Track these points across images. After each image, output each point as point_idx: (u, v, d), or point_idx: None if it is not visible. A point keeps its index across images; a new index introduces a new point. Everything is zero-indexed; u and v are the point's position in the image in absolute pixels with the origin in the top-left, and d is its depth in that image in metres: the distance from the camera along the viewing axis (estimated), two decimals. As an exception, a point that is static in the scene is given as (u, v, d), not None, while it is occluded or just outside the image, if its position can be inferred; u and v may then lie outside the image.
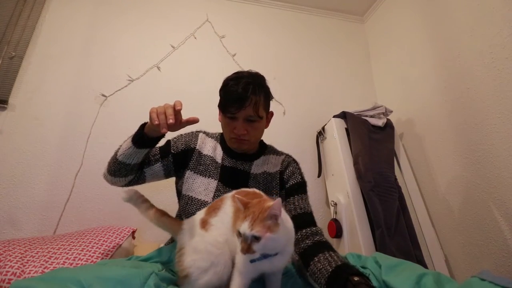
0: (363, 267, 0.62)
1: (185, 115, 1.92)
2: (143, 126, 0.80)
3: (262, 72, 0.98)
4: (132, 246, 1.29)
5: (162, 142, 0.93)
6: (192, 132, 1.01)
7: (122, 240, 1.19)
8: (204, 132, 1.02)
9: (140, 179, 0.91)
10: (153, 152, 0.92)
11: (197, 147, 0.96)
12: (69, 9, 1.86)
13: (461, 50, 1.49)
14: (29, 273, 0.95)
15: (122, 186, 0.90)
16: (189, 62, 1.93)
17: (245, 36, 2.10)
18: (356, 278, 0.54)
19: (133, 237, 1.31)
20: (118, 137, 1.65)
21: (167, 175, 0.95)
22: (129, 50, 1.87)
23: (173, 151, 0.93)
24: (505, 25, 1.28)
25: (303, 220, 0.82)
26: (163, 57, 1.89)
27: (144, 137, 0.79)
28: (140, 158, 0.83)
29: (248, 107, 0.84)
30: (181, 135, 1.00)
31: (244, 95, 0.83)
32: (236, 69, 1.91)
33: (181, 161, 0.93)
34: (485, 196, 1.32)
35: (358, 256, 0.67)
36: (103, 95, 1.72)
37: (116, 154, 0.86)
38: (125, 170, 0.84)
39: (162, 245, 1.30)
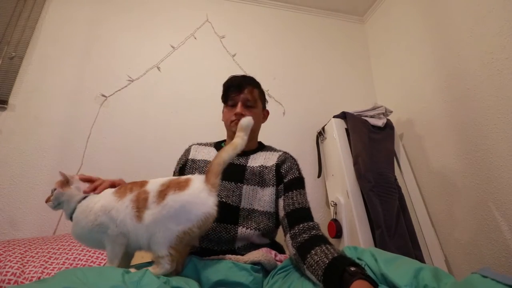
0: (359, 259, 0.62)
1: (186, 115, 1.92)
2: None
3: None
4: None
5: (165, 174, 0.96)
6: (185, 149, 1.07)
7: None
8: (197, 144, 1.07)
9: None
10: None
11: (190, 156, 1.01)
12: (69, 9, 1.86)
13: (461, 50, 1.49)
14: (29, 273, 0.95)
15: None
16: (189, 62, 1.93)
17: (245, 36, 2.10)
18: (352, 268, 0.56)
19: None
20: (118, 137, 1.67)
21: None
22: (129, 50, 1.87)
23: None
24: (505, 25, 1.28)
25: (300, 215, 0.83)
26: (163, 57, 1.89)
27: None
28: None
29: (245, 91, 0.98)
30: (179, 158, 1.06)
31: (242, 81, 1.00)
32: (236, 69, 1.95)
33: None
34: (485, 196, 1.32)
35: (354, 248, 0.67)
36: (103, 95, 1.72)
37: None
38: None
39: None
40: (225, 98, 1.02)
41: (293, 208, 0.84)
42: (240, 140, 0.73)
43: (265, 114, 1.10)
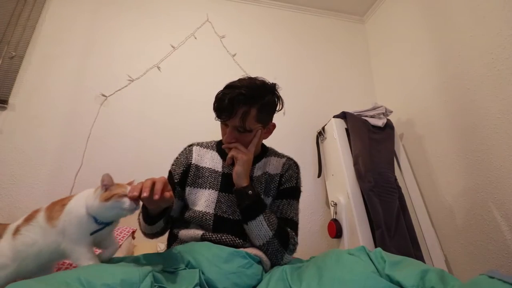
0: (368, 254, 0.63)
1: (186, 115, 1.91)
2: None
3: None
4: (132, 246, 1.29)
5: (166, 174, 0.92)
6: (185, 149, 0.99)
7: (122, 240, 1.19)
8: (198, 144, 1.00)
9: (169, 221, 0.91)
10: None
11: (193, 161, 0.94)
12: (69, 9, 1.86)
13: (461, 50, 1.49)
14: (29, 273, 0.95)
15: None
16: (189, 62, 1.93)
17: (245, 36, 2.11)
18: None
19: (133, 237, 1.31)
20: (118, 137, 1.68)
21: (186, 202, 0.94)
22: (129, 50, 1.87)
23: (176, 180, 0.92)
24: (505, 25, 1.28)
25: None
26: (163, 57, 1.89)
27: (151, 216, 0.79)
28: (160, 222, 0.82)
29: (234, 118, 0.81)
30: (177, 158, 0.98)
31: (229, 107, 0.80)
32: (236, 69, 1.94)
33: (185, 183, 0.93)
34: (485, 196, 1.32)
35: (364, 248, 0.68)
36: (103, 95, 1.72)
37: (140, 225, 0.88)
38: (156, 232, 0.88)
39: (160, 244, 1.31)
40: (217, 117, 0.87)
41: (277, 217, 0.84)
42: None
43: (269, 129, 0.95)
